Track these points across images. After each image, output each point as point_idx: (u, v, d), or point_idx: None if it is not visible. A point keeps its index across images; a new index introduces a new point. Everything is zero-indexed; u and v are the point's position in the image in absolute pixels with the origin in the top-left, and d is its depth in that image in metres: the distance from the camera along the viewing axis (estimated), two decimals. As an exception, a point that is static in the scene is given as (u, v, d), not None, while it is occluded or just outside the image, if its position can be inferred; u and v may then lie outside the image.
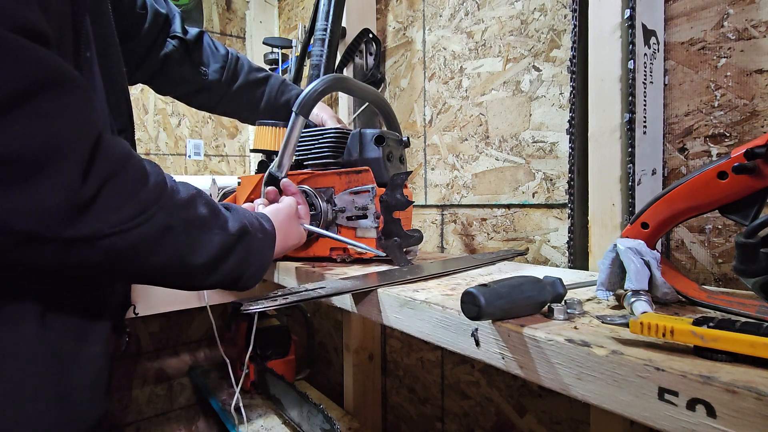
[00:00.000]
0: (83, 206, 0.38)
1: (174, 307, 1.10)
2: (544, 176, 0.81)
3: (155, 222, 0.43)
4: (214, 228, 0.49)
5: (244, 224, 0.52)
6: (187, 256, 0.46)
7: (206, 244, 0.48)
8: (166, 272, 0.47)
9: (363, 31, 1.14)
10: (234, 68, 0.85)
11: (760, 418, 0.23)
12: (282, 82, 0.90)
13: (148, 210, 0.42)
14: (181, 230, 0.45)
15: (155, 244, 0.43)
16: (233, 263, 0.51)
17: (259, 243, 0.54)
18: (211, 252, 0.48)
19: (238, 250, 0.51)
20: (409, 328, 0.47)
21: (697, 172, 0.40)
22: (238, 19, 1.80)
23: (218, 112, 0.92)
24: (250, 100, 0.88)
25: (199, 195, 0.49)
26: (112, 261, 0.42)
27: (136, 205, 0.41)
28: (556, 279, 0.40)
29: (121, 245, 0.41)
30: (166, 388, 1.58)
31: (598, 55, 0.63)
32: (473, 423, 0.98)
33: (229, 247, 0.50)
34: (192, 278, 0.49)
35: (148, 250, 0.43)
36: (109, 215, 0.40)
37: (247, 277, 0.53)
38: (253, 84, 0.87)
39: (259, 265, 0.54)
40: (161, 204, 0.43)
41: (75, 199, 0.37)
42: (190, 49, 0.81)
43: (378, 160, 0.72)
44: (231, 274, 0.51)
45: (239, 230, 0.51)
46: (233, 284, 0.53)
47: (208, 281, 0.50)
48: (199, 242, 0.47)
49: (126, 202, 0.41)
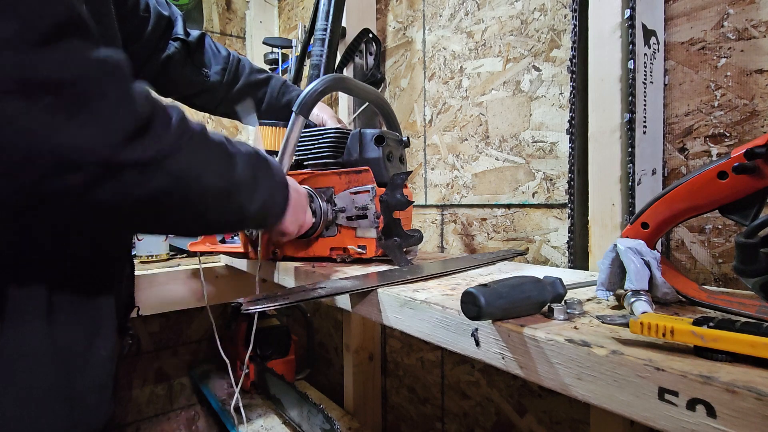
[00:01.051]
0: (143, 126, 0.38)
1: (174, 307, 1.10)
2: (544, 176, 0.81)
3: (196, 141, 0.43)
4: (234, 150, 0.50)
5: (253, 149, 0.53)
6: (230, 173, 0.47)
7: (237, 161, 0.49)
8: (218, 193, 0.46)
9: (363, 31, 1.14)
10: (235, 70, 0.86)
11: (760, 418, 0.23)
12: (283, 83, 0.90)
13: (186, 131, 0.43)
14: (215, 147, 0.46)
15: (204, 162, 0.44)
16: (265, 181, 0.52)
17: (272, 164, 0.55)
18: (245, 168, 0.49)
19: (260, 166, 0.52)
20: (409, 328, 0.47)
21: (697, 172, 0.40)
22: (238, 19, 1.80)
23: (219, 113, 0.92)
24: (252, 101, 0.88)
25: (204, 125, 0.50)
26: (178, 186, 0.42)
27: (178, 129, 0.42)
28: (556, 279, 0.40)
29: (181, 164, 0.41)
30: (166, 388, 1.58)
31: (598, 55, 0.63)
32: (473, 423, 0.98)
33: (253, 165, 0.51)
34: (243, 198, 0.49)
35: (201, 168, 0.44)
36: (165, 135, 0.40)
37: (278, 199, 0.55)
38: (254, 85, 0.87)
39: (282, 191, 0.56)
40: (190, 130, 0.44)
41: (135, 118, 0.37)
42: (192, 51, 0.81)
43: (378, 160, 0.72)
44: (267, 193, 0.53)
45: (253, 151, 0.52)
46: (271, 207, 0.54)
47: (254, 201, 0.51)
48: (231, 159, 0.48)
49: (169, 126, 0.41)
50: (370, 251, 0.69)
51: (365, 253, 0.70)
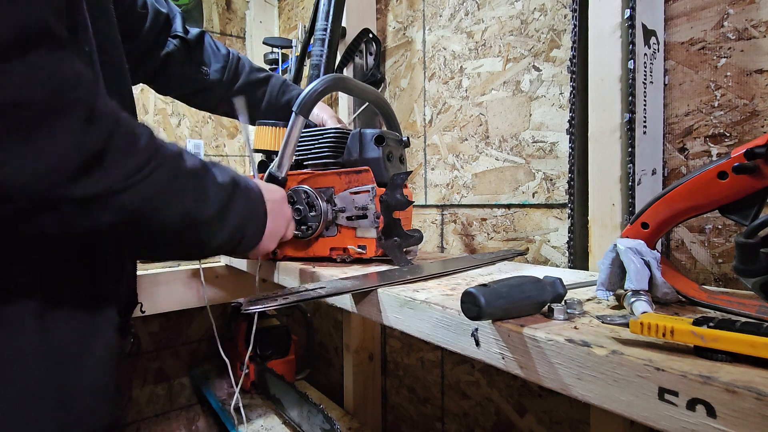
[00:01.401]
0: (92, 160, 0.36)
1: (174, 307, 1.10)
2: (544, 176, 0.81)
3: (160, 173, 0.41)
4: (207, 179, 0.47)
5: (231, 177, 0.51)
6: (195, 208, 0.45)
7: (208, 194, 0.47)
8: (178, 230, 0.45)
9: (363, 31, 1.13)
10: (235, 68, 0.85)
11: (760, 418, 0.23)
12: (283, 82, 0.90)
13: (151, 161, 0.41)
14: (184, 180, 0.44)
15: (165, 196, 0.42)
16: (235, 214, 0.50)
17: (250, 194, 0.53)
18: (215, 202, 0.47)
19: (235, 200, 0.50)
20: (409, 328, 0.47)
21: (697, 172, 0.40)
22: (238, 19, 1.80)
23: (219, 112, 0.92)
24: (250, 100, 0.88)
25: (183, 149, 0.48)
26: (126, 221, 0.40)
27: (140, 158, 0.40)
28: (556, 279, 0.40)
29: (134, 201, 0.39)
30: (166, 388, 1.58)
31: (598, 55, 0.63)
32: (473, 423, 0.98)
33: (227, 198, 0.49)
34: (203, 235, 0.48)
35: (159, 203, 0.42)
36: (119, 169, 0.38)
37: (250, 231, 0.53)
38: (254, 84, 0.87)
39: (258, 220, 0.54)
40: (160, 155, 0.42)
41: (84, 152, 0.35)
42: (191, 49, 0.80)
43: (378, 160, 0.72)
44: (236, 228, 0.50)
45: (230, 181, 0.50)
46: (239, 241, 0.52)
47: (217, 238, 0.49)
48: (202, 192, 0.46)
49: (130, 155, 0.39)
50: (370, 251, 0.69)
51: (365, 253, 0.70)
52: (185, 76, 0.82)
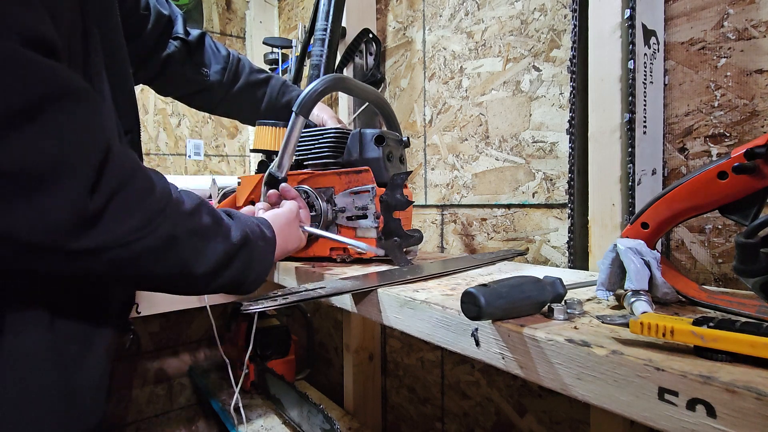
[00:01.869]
0: (90, 220, 0.37)
1: (174, 307, 1.10)
2: (544, 176, 0.81)
3: (160, 233, 0.43)
4: (217, 237, 0.49)
5: (245, 233, 0.52)
6: (189, 265, 0.46)
7: (209, 254, 0.48)
8: (168, 281, 0.47)
9: (363, 31, 1.13)
10: (235, 69, 0.85)
11: (760, 418, 0.23)
12: (283, 83, 0.90)
13: (154, 221, 0.42)
14: (185, 240, 0.45)
15: (159, 254, 0.43)
16: (235, 270, 0.51)
17: (260, 250, 0.54)
18: (213, 261, 0.48)
19: (240, 257, 0.51)
20: (409, 328, 0.47)
21: (697, 172, 0.40)
22: (238, 19, 1.80)
23: (219, 113, 0.92)
24: (250, 101, 0.88)
25: (203, 204, 0.49)
26: (115, 271, 0.42)
27: (142, 217, 0.41)
28: (556, 279, 0.40)
29: (125, 256, 0.41)
30: (166, 388, 1.58)
31: (598, 55, 0.63)
32: (473, 423, 0.98)
33: (231, 256, 0.50)
34: (193, 286, 0.49)
35: (151, 260, 0.43)
36: (116, 228, 0.39)
37: (249, 283, 0.54)
38: (254, 85, 0.87)
39: (261, 271, 0.55)
40: (166, 214, 0.43)
41: (81, 213, 0.37)
42: (192, 50, 0.81)
43: (378, 160, 0.72)
44: (232, 281, 0.51)
45: (241, 239, 0.51)
46: (234, 290, 0.53)
47: (209, 288, 0.50)
48: (202, 252, 0.47)
49: (132, 215, 0.40)
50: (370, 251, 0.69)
51: (365, 253, 0.70)
52: (185, 77, 0.83)
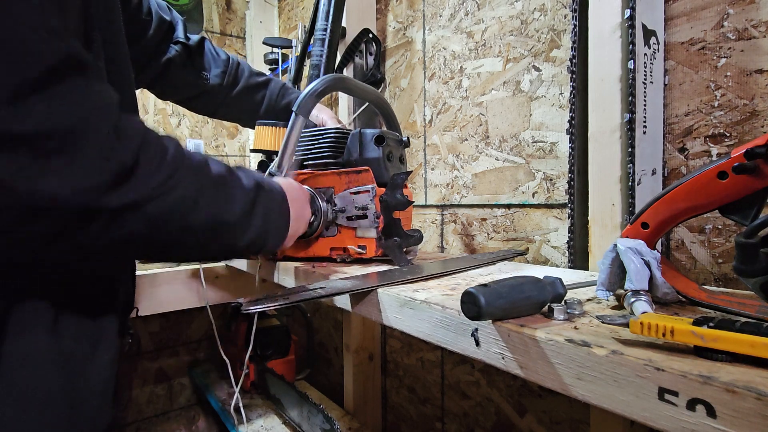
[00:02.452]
0: (126, 172, 0.38)
1: (174, 307, 1.10)
2: (544, 176, 0.81)
3: (188, 182, 0.43)
4: (233, 184, 0.49)
5: (256, 180, 0.53)
6: (222, 212, 0.47)
7: (235, 198, 0.48)
8: (207, 233, 0.47)
9: (363, 31, 1.13)
10: (235, 73, 0.86)
11: (760, 418, 0.23)
12: (282, 86, 0.91)
13: (179, 170, 0.43)
14: (211, 187, 0.46)
15: (193, 202, 0.44)
16: (260, 216, 0.52)
17: (274, 196, 0.55)
18: (240, 205, 0.49)
19: (259, 202, 0.52)
20: (409, 328, 0.47)
21: (697, 172, 0.40)
22: (238, 19, 1.80)
23: (219, 116, 0.92)
24: (250, 104, 0.88)
25: (209, 158, 0.50)
26: (156, 229, 0.42)
27: (168, 167, 0.42)
28: (556, 279, 0.40)
29: (164, 208, 0.41)
30: (166, 388, 1.58)
31: (598, 55, 0.63)
32: (473, 423, 0.98)
33: (252, 200, 0.51)
34: (230, 236, 0.49)
35: (187, 210, 0.43)
36: (149, 179, 0.40)
37: (274, 232, 0.55)
38: (253, 88, 0.88)
39: (282, 220, 0.56)
40: (186, 165, 0.44)
41: (118, 165, 0.37)
42: (192, 54, 0.82)
43: (378, 160, 0.72)
44: (261, 229, 0.52)
45: (255, 185, 0.52)
46: (264, 242, 0.53)
47: (244, 239, 0.50)
48: (228, 197, 0.48)
49: (159, 166, 0.41)
50: (370, 251, 0.69)
51: (365, 253, 0.70)
52: (185, 81, 0.83)
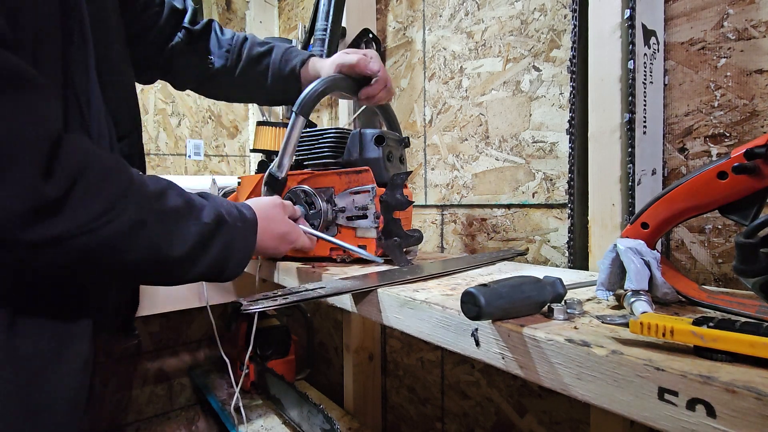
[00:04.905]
0: (48, 207, 0.36)
1: (174, 307, 1.10)
2: (544, 176, 0.81)
3: (126, 216, 0.41)
4: (189, 218, 0.47)
5: (220, 213, 0.50)
6: (163, 249, 0.44)
7: (183, 236, 0.46)
8: (144, 268, 0.45)
9: (363, 31, 1.14)
10: (239, 49, 0.81)
11: (760, 418, 0.23)
12: (285, 50, 0.82)
13: (118, 205, 0.40)
14: (154, 223, 0.43)
15: (128, 239, 0.41)
16: (214, 254, 0.49)
17: (239, 232, 0.52)
18: (189, 243, 0.46)
19: (217, 239, 0.49)
20: (409, 328, 0.47)
21: (697, 172, 0.40)
22: (238, 19, 1.80)
23: (234, 99, 0.88)
24: (256, 77, 0.81)
25: (171, 186, 0.47)
26: (83, 261, 0.40)
27: (105, 201, 0.39)
28: (556, 279, 0.40)
29: (92, 244, 0.39)
30: (166, 388, 1.57)
31: (598, 55, 0.63)
32: (473, 423, 0.98)
33: (207, 237, 0.48)
34: (172, 273, 0.47)
35: (121, 246, 0.41)
36: (78, 215, 0.38)
37: (231, 268, 0.51)
38: (255, 60, 0.81)
39: (243, 255, 0.52)
40: (130, 198, 0.42)
41: (38, 200, 0.35)
42: (194, 39, 0.78)
43: (378, 160, 0.72)
44: (213, 266, 0.49)
45: (215, 219, 0.49)
46: (217, 276, 0.51)
47: (189, 274, 0.48)
48: (175, 234, 0.45)
49: (94, 200, 0.39)
50: (370, 251, 0.69)
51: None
52: (192, 67, 0.80)
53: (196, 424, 1.58)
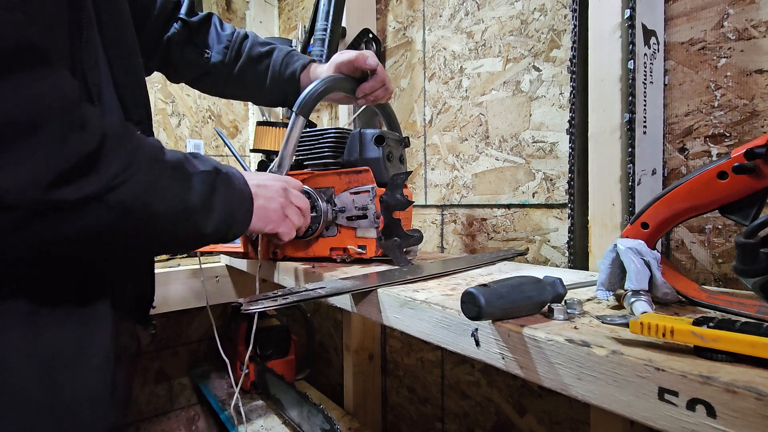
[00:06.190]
0: (84, 163, 0.37)
1: (174, 307, 1.10)
2: (544, 176, 0.81)
3: (148, 168, 0.42)
4: (192, 168, 0.48)
5: (213, 165, 0.52)
6: (183, 196, 0.46)
7: (194, 182, 0.47)
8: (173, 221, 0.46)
9: (363, 31, 1.14)
10: (238, 47, 0.79)
11: (760, 418, 0.23)
12: (287, 53, 0.81)
13: (137, 157, 0.41)
14: (170, 171, 0.45)
15: (155, 188, 0.43)
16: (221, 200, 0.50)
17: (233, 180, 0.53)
18: (201, 189, 0.48)
19: (219, 186, 0.50)
20: (409, 328, 0.47)
21: (697, 172, 0.40)
22: (238, 19, 1.80)
23: (229, 95, 0.86)
24: (254, 77, 0.80)
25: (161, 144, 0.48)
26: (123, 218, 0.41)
27: (129, 155, 0.41)
28: (556, 279, 0.40)
29: (128, 195, 0.40)
30: (166, 388, 1.57)
31: (598, 55, 0.63)
32: (473, 423, 0.98)
33: (211, 184, 0.49)
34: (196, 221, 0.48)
35: (150, 195, 0.42)
36: (111, 167, 0.39)
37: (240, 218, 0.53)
38: (255, 60, 0.79)
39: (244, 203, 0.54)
40: (143, 151, 0.43)
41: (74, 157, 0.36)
42: (192, 32, 0.76)
43: (378, 160, 0.72)
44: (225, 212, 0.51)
45: (212, 169, 0.51)
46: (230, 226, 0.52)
47: (209, 225, 0.49)
48: (188, 181, 0.47)
49: (120, 153, 0.40)
50: (370, 251, 0.69)
51: (365, 253, 0.70)
52: (188, 61, 0.78)
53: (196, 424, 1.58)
